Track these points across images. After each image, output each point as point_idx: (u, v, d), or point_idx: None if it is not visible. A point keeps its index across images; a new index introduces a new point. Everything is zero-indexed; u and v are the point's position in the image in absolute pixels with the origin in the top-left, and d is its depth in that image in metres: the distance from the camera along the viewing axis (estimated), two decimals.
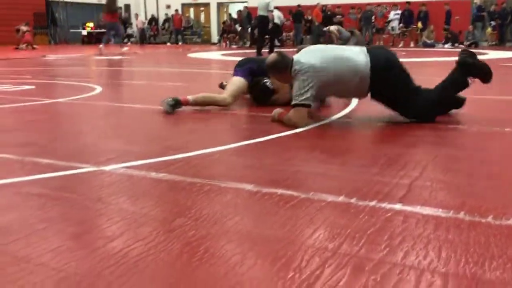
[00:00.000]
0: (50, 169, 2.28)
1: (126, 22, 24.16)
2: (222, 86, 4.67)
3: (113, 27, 14.34)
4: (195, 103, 4.09)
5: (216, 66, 10.26)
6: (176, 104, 3.97)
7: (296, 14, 20.02)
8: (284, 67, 3.32)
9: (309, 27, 19.41)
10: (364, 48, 3.37)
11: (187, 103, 4.04)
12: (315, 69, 3.16)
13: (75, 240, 1.52)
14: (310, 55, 3.27)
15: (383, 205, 1.79)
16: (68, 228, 1.61)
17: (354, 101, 4.31)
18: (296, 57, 3.30)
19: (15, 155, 2.57)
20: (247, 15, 20.76)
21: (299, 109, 3.21)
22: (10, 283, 1.25)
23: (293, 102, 3.23)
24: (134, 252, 1.42)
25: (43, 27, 23.62)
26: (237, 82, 4.21)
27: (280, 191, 1.95)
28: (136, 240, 1.50)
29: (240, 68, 4.30)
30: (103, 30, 25.32)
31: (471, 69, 3.33)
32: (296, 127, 3.19)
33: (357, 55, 3.27)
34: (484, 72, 3.33)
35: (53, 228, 1.61)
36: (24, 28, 18.06)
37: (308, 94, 3.18)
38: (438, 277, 1.27)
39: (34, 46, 17.72)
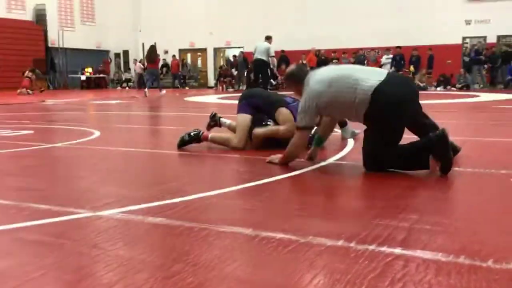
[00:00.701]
0: (47, 215, 2.27)
1: (167, 66, 24.77)
2: (214, 119, 4.68)
3: (154, 73, 16.17)
4: (212, 140, 4.27)
5: (213, 110, 10.35)
6: (194, 139, 4.22)
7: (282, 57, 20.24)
8: (298, 81, 3.40)
9: None
10: (385, 72, 3.26)
11: (206, 139, 4.26)
12: (317, 92, 3.19)
13: None
14: (321, 74, 3.30)
15: (383, 249, 1.78)
16: (65, 276, 1.58)
17: (350, 143, 4.34)
18: (311, 73, 3.39)
19: (12, 201, 2.55)
20: (244, 60, 21.16)
21: (300, 133, 3.30)
22: None
23: (296, 125, 3.36)
24: None
25: (42, 73, 23.92)
26: (242, 123, 4.22)
27: (279, 235, 1.94)
28: None
29: (245, 101, 4.30)
30: (102, 75, 25.78)
31: (441, 152, 2.98)
32: (294, 155, 3.31)
33: (369, 75, 3.15)
34: (448, 162, 2.99)
35: (50, 275, 1.59)
36: (27, 73, 18.33)
37: (307, 119, 3.25)
38: None
39: (29, 91, 17.88)
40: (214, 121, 4.66)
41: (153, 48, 15.51)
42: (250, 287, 1.47)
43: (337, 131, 5.32)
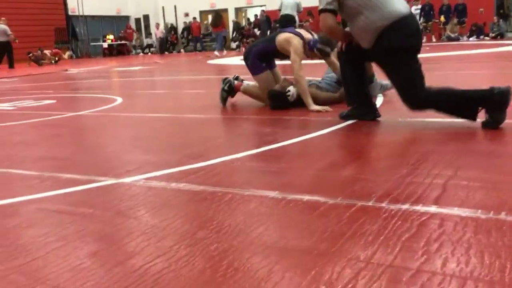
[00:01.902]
0: (70, 184, 2.23)
1: (188, 29, 24.75)
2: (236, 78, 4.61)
3: (219, 36, 17.56)
4: (244, 91, 4.37)
5: (236, 71, 10.20)
6: (230, 92, 4.39)
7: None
8: None
9: None
10: (408, 8, 3.15)
11: (238, 89, 4.38)
12: None
13: (94, 258, 1.45)
14: None
15: (417, 208, 1.68)
16: (87, 246, 1.54)
17: (379, 100, 4.18)
18: None
19: (35, 171, 2.53)
20: (266, 19, 20.70)
21: (324, 15, 3.16)
22: None
23: (319, 8, 3.20)
24: (154, 269, 1.34)
25: (64, 42, 24.01)
26: (264, 83, 4.22)
27: (306, 197, 1.86)
28: (156, 256, 1.42)
29: (251, 58, 4.29)
30: (124, 42, 25.69)
31: (497, 108, 2.83)
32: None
33: (396, 3, 3.05)
34: (500, 119, 2.84)
35: (71, 245, 1.55)
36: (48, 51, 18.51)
37: (324, 1, 3.13)
38: (483, 286, 1.16)
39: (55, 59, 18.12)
40: (230, 87, 4.50)
41: (217, 15, 17.67)
42: (278, 253, 1.40)
43: None
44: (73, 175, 2.39)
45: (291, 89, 3.99)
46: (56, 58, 18.46)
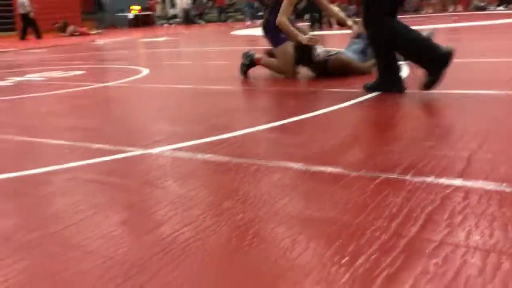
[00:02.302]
0: (99, 154, 2.30)
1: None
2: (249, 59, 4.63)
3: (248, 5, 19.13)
4: (264, 64, 4.47)
5: (260, 43, 10.12)
6: (251, 65, 4.48)
7: None
8: None
9: None
10: None
11: (258, 62, 4.47)
12: None
13: (124, 226, 1.50)
14: None
15: (441, 180, 1.69)
16: (117, 214, 1.60)
17: (404, 72, 4.12)
18: None
19: (64, 140, 2.60)
20: None
21: None
22: (62, 272, 1.25)
23: None
24: (182, 237, 1.39)
25: (90, 12, 24.11)
26: (284, 54, 4.24)
27: (330, 169, 1.88)
28: (184, 225, 1.47)
29: (268, 31, 4.40)
30: (149, 13, 25.63)
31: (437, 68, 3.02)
32: None
33: None
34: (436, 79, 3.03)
35: (103, 214, 1.61)
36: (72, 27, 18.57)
37: None
38: (506, 259, 1.17)
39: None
40: (251, 60, 4.54)
41: None
42: (302, 223, 1.43)
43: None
44: (103, 145, 2.45)
45: (319, 48, 4.05)
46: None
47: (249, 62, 4.49)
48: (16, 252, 1.38)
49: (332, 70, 4.07)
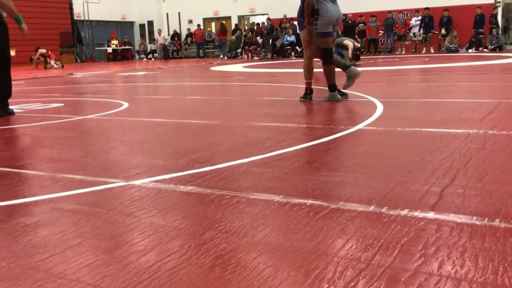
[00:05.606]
0: (82, 185, 2.32)
1: (191, 36, 25.58)
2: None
3: (224, 44, 22.57)
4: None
5: (239, 79, 10.31)
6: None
7: None
8: None
9: None
10: None
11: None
12: None
13: (109, 255, 1.53)
14: None
15: (415, 213, 1.77)
16: (102, 243, 1.63)
17: (379, 109, 4.27)
18: None
19: (46, 172, 2.62)
20: (270, 27, 20.91)
21: None
22: None
23: None
24: (167, 266, 1.43)
25: (69, 46, 24.19)
26: (304, 37, 5.27)
27: (309, 201, 1.94)
28: (168, 254, 1.51)
29: (298, 21, 5.47)
30: (127, 47, 25.86)
31: None
32: None
33: None
34: None
35: (87, 243, 1.63)
36: (42, 50, 18.51)
37: None
38: (477, 287, 1.24)
39: (54, 64, 18.23)
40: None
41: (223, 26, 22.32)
42: (282, 253, 1.49)
43: (366, 96, 5.25)
44: (85, 177, 2.47)
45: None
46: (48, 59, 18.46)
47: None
48: (1, 281, 1.39)
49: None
